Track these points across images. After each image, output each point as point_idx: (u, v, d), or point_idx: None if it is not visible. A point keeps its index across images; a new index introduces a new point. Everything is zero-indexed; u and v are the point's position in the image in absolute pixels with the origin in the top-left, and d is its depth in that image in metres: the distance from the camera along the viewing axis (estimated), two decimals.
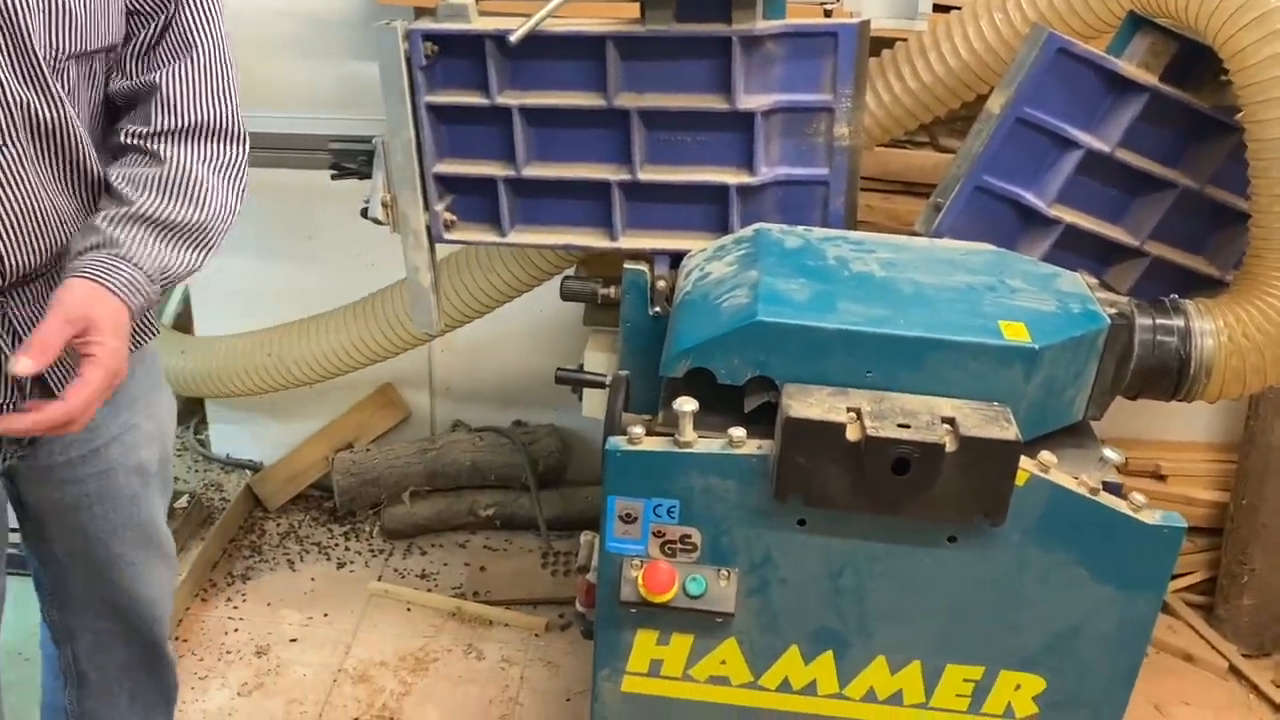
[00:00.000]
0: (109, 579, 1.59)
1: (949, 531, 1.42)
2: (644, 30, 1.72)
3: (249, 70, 1.65)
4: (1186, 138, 1.75)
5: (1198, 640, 2.60)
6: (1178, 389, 1.59)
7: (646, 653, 1.55)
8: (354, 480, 2.84)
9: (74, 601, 1.61)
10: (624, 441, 1.46)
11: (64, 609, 1.63)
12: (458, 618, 2.60)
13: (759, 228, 1.75)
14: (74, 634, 1.64)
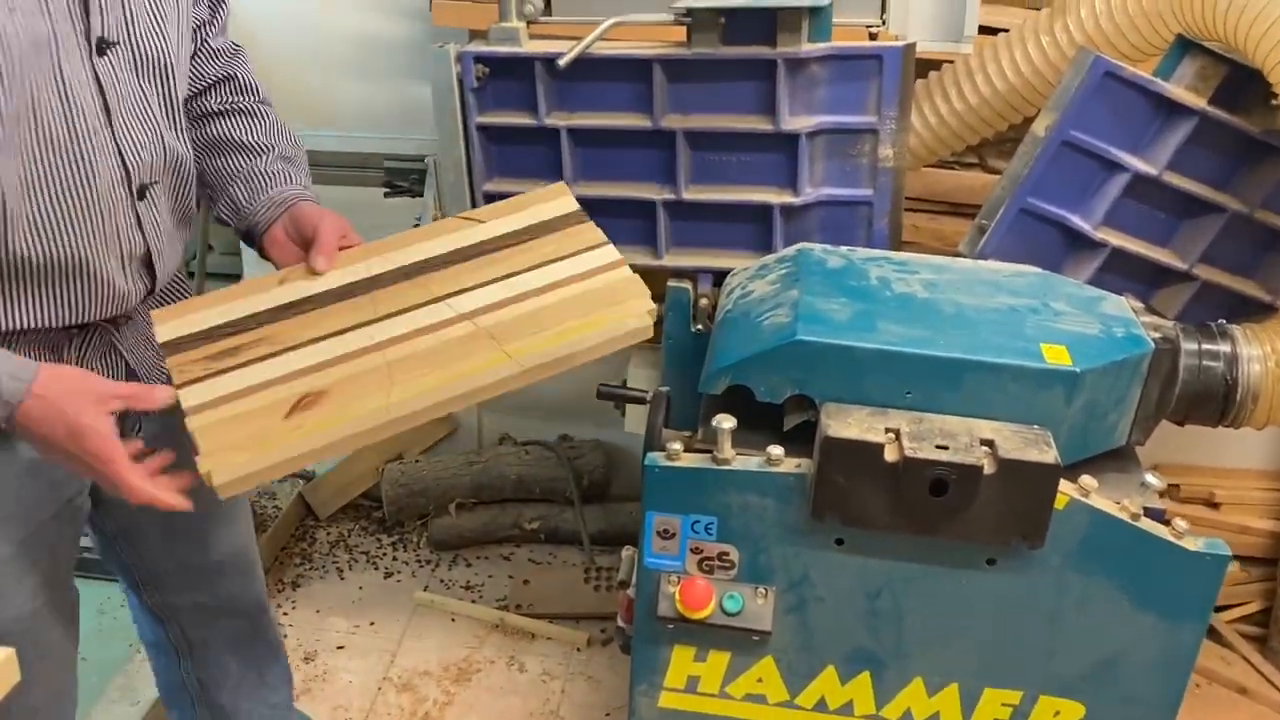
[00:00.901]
0: (194, 543, 1.60)
1: (987, 554, 1.42)
2: (690, 53, 1.75)
3: (310, 90, 1.70)
4: (1236, 161, 1.73)
5: (1252, 673, 2.54)
6: (1224, 414, 1.57)
7: (684, 669, 1.56)
8: (402, 491, 2.89)
9: (167, 579, 1.64)
10: (662, 458, 1.48)
11: (160, 590, 1.65)
12: (501, 630, 2.62)
13: (802, 247, 1.76)
14: (176, 610, 1.68)
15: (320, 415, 1.12)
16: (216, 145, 1.45)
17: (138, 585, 1.68)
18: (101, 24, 1.19)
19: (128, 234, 1.27)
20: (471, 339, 1.20)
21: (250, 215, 1.41)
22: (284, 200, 1.40)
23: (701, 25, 1.72)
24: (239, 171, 1.42)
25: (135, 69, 1.24)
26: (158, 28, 1.26)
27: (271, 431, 1.10)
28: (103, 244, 1.24)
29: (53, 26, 1.13)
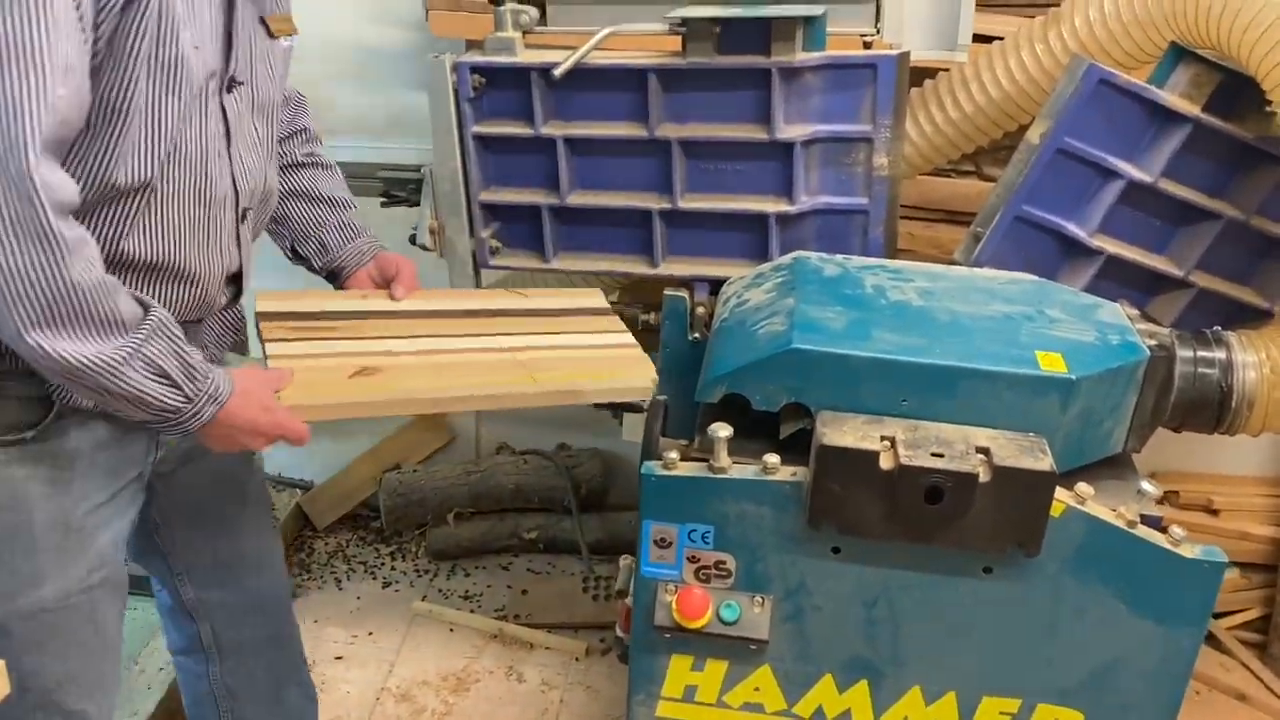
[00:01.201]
0: (225, 533, 1.69)
1: (984, 562, 1.41)
2: (685, 63, 1.75)
3: (307, 99, 1.73)
4: (1231, 168, 1.73)
5: (1251, 679, 2.54)
6: (1219, 421, 1.57)
7: (681, 678, 1.56)
8: (400, 501, 2.89)
9: (201, 572, 1.70)
10: (659, 466, 1.47)
11: (194, 582, 1.71)
12: (499, 639, 2.62)
13: (798, 256, 1.77)
14: (209, 608, 1.73)
15: (373, 382, 1.40)
16: (305, 195, 1.68)
17: (173, 579, 1.71)
18: (235, 65, 1.35)
19: (228, 251, 1.42)
20: (504, 362, 1.49)
21: (338, 260, 1.68)
22: (370, 250, 1.70)
23: (696, 35, 1.72)
24: (327, 222, 1.68)
25: (251, 107, 1.40)
26: (268, 72, 1.43)
27: (333, 384, 1.39)
28: (206, 257, 1.38)
29: (215, 64, 1.31)
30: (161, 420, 1.27)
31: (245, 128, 1.39)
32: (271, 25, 1.41)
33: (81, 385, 1.20)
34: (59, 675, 1.41)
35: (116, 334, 1.19)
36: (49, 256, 1.11)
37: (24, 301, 1.12)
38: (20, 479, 1.31)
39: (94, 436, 1.36)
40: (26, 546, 1.34)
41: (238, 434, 1.34)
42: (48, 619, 1.37)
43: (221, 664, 1.78)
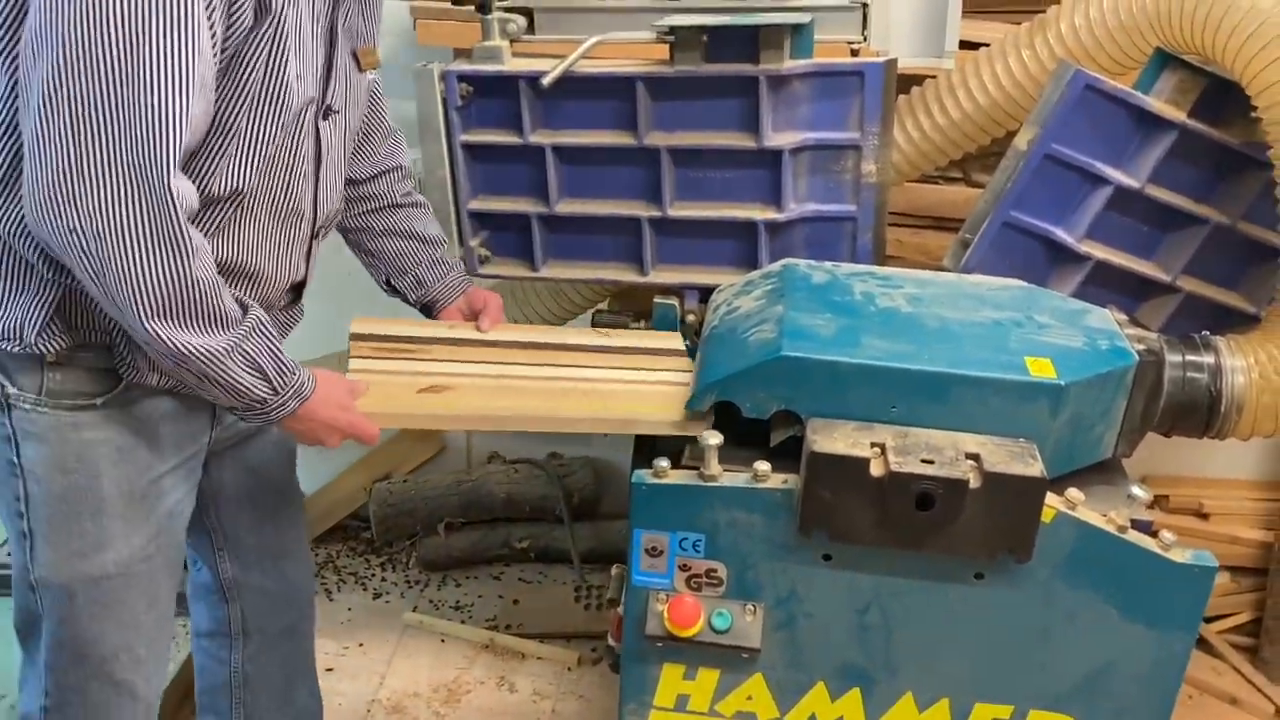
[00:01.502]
0: (270, 518, 1.76)
1: (975, 568, 1.41)
2: (673, 71, 1.75)
3: None
4: (1218, 173, 1.74)
5: (1243, 683, 2.54)
6: (1209, 426, 1.57)
7: (673, 687, 1.55)
8: (391, 511, 2.88)
9: (244, 551, 1.76)
10: (650, 475, 1.47)
11: (236, 561, 1.76)
12: (491, 650, 2.61)
13: (787, 263, 1.77)
14: (242, 591, 1.78)
15: (439, 398, 1.52)
16: (404, 234, 1.77)
17: (215, 555, 1.76)
18: (332, 95, 1.45)
19: (298, 262, 1.52)
20: (567, 390, 1.58)
21: (431, 293, 1.78)
22: (460, 284, 1.80)
23: (684, 43, 1.72)
24: (423, 259, 1.77)
25: (342, 134, 1.50)
26: (356, 104, 1.52)
27: (402, 396, 1.52)
28: (277, 265, 1.48)
29: (314, 93, 1.40)
30: (249, 409, 1.38)
31: (333, 153, 1.48)
32: (361, 58, 1.51)
33: (185, 370, 1.31)
34: (116, 644, 1.48)
35: (222, 329, 1.30)
36: (176, 257, 1.22)
37: (151, 294, 1.22)
38: (90, 441, 1.39)
39: (159, 408, 1.44)
40: (95, 509, 1.41)
41: (316, 428, 1.45)
42: (109, 585, 1.44)
43: (244, 650, 1.83)
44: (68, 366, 1.37)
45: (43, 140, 1.15)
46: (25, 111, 1.17)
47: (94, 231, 1.17)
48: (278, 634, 1.84)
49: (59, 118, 1.14)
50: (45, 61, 1.13)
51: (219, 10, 1.20)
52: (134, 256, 1.19)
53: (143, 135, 1.16)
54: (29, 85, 1.16)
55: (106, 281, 1.20)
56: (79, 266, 1.21)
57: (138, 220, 1.18)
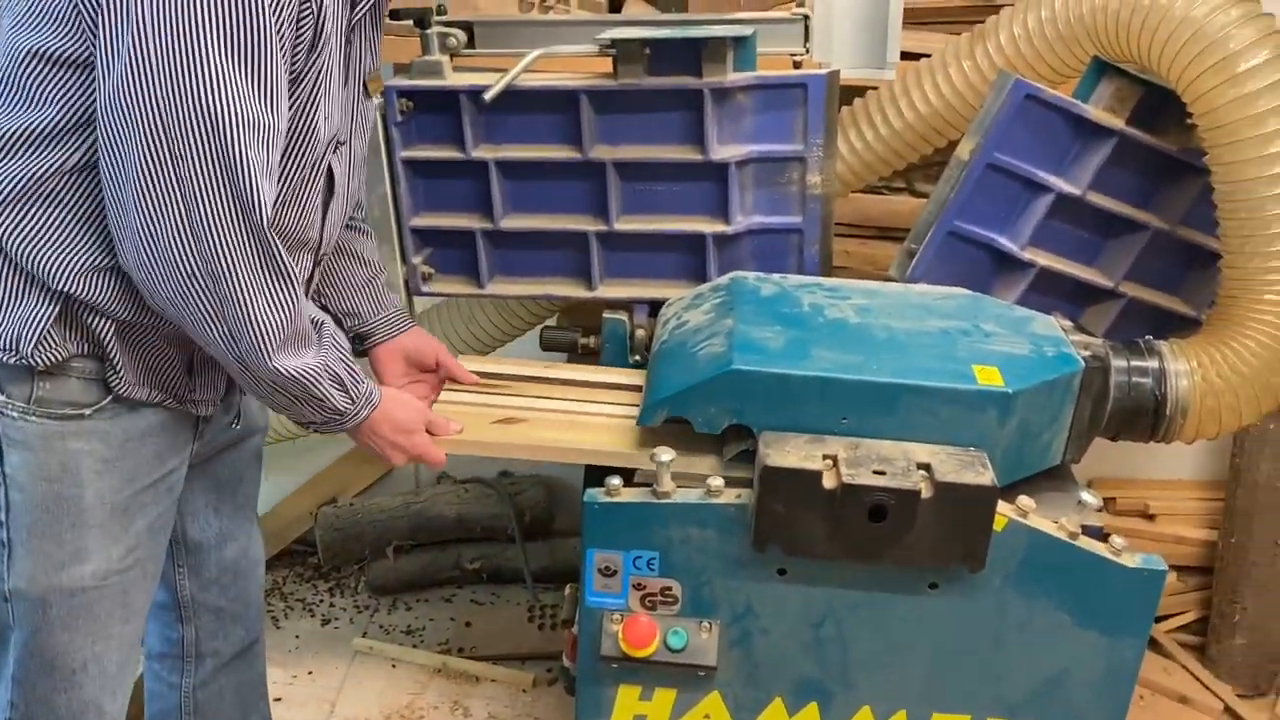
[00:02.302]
0: (234, 537, 1.74)
1: (929, 578, 1.41)
2: (616, 84, 1.74)
3: None
4: (1156, 180, 1.77)
5: (1192, 682, 2.57)
6: (1155, 430, 1.59)
7: (629, 708, 1.53)
8: (338, 535, 2.82)
9: (203, 565, 1.73)
10: (602, 493, 1.45)
11: (194, 577, 1.73)
12: (444, 674, 2.56)
13: (735, 276, 1.76)
14: (199, 611, 1.76)
15: (514, 430, 1.59)
16: (340, 252, 1.67)
17: (175, 573, 1.73)
18: (347, 128, 1.45)
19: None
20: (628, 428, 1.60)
21: (367, 325, 1.71)
22: (400, 324, 1.73)
23: (627, 56, 1.71)
24: (358, 282, 1.70)
25: (348, 164, 1.49)
26: (362, 132, 1.52)
27: (477, 426, 1.59)
28: None
29: (335, 132, 1.41)
30: (328, 422, 1.42)
31: (345, 185, 1.48)
32: (370, 86, 1.50)
33: (284, 393, 1.36)
34: (86, 657, 1.46)
35: (313, 346, 1.37)
36: (287, 288, 1.29)
37: (276, 331, 1.29)
38: (76, 452, 1.38)
39: (146, 421, 1.43)
40: (75, 520, 1.40)
41: (383, 442, 1.49)
42: (84, 598, 1.43)
43: (196, 674, 1.79)
44: (58, 376, 1.36)
45: (148, 200, 1.21)
46: (119, 173, 1.21)
47: (210, 272, 1.23)
48: (231, 658, 1.81)
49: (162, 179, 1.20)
50: (137, 127, 1.18)
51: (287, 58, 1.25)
52: (251, 289, 1.26)
53: (238, 181, 1.21)
54: (120, 148, 1.20)
55: (228, 318, 1.26)
56: (197, 309, 1.26)
57: (248, 256, 1.25)
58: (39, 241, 1.29)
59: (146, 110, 1.17)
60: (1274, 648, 2.54)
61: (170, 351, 1.42)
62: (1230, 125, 1.51)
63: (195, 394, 1.47)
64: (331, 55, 1.33)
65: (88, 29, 1.21)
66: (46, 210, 1.29)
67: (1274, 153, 1.49)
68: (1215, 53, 1.50)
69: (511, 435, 1.58)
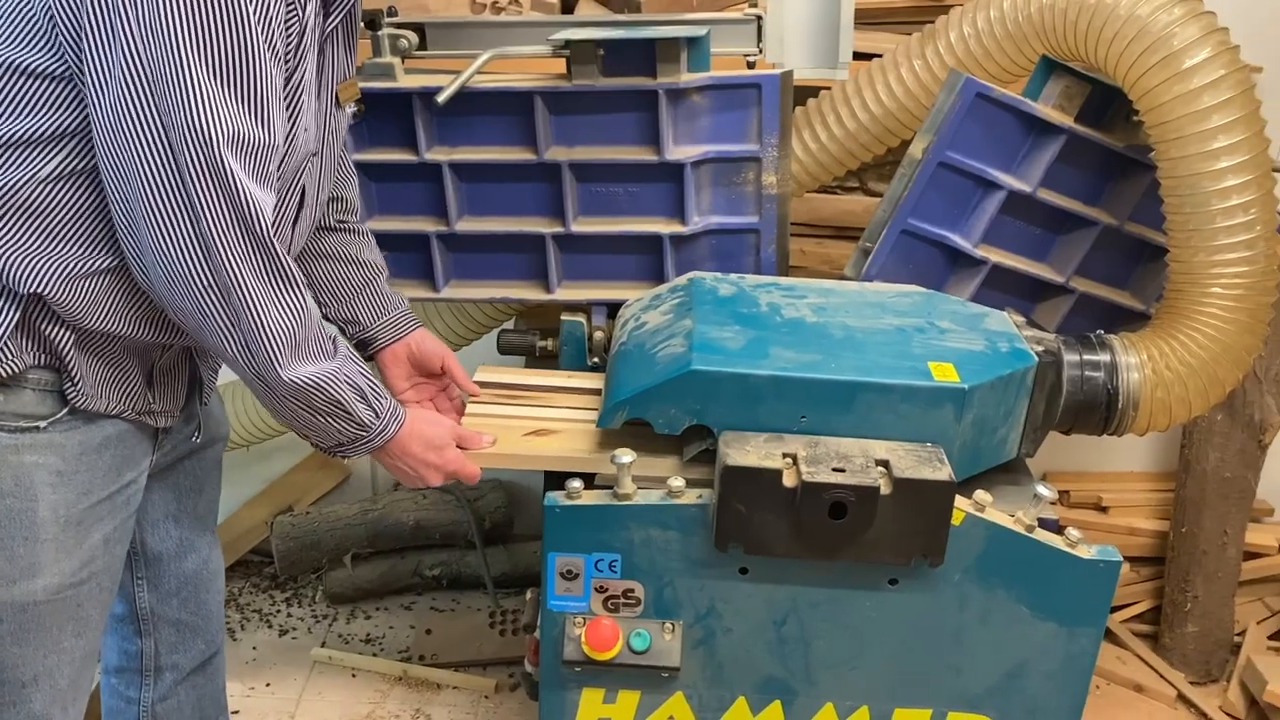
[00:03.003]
0: (194, 548, 1.72)
1: (889, 574, 1.42)
2: (571, 85, 1.73)
3: None
4: (1105, 176, 1.79)
5: (1146, 670, 2.61)
6: (1107, 423, 1.62)
7: (593, 711, 1.53)
8: (294, 545, 2.78)
9: (164, 582, 1.70)
10: (562, 497, 1.44)
11: (154, 590, 1.71)
12: (405, 682, 2.54)
13: (693, 276, 1.76)
14: (158, 624, 1.73)
15: (545, 441, 1.58)
16: (336, 258, 1.67)
17: (134, 585, 1.70)
18: (319, 139, 1.43)
19: None
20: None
21: (369, 330, 1.69)
22: (404, 326, 1.70)
23: (580, 57, 1.71)
24: (357, 287, 1.68)
25: (318, 174, 1.47)
26: (334, 138, 1.49)
27: (510, 439, 1.58)
28: None
29: (314, 146, 1.40)
30: (355, 439, 1.40)
31: (314, 195, 1.47)
32: (341, 95, 1.47)
33: (305, 407, 1.34)
34: (37, 671, 1.43)
35: (329, 353, 1.35)
36: (296, 296, 1.29)
37: (287, 337, 1.29)
38: (29, 465, 1.35)
39: (103, 433, 1.41)
40: (28, 534, 1.37)
41: (415, 461, 1.47)
42: (36, 612, 1.40)
43: (155, 688, 1.77)
44: (13, 388, 1.33)
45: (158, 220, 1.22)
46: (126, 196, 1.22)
47: (222, 284, 1.24)
48: (191, 671, 1.79)
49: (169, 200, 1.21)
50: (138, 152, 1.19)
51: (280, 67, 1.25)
52: (261, 299, 1.26)
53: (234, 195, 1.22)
54: (124, 170, 1.21)
55: (242, 329, 1.27)
56: (215, 323, 1.26)
57: (255, 266, 1.25)
58: (8, 248, 1.27)
59: (144, 134, 1.19)
60: (1224, 635, 2.60)
61: (130, 363, 1.40)
62: (1174, 121, 1.54)
63: (154, 405, 1.45)
64: (310, 66, 1.32)
65: (67, 47, 1.20)
66: (19, 219, 1.27)
67: (1217, 148, 1.52)
68: (1159, 50, 1.52)
69: (540, 447, 1.57)
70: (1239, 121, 1.52)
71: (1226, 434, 2.48)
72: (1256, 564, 2.67)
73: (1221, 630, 2.59)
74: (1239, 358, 1.63)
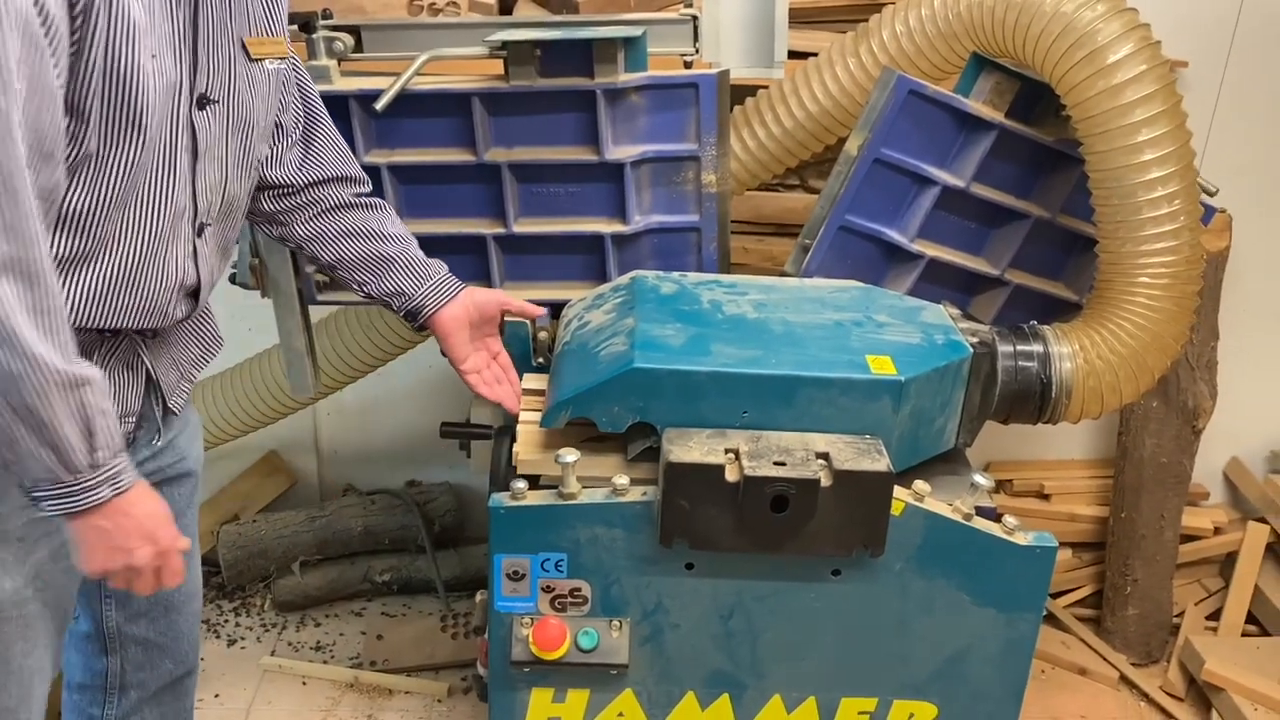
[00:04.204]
0: None
1: (832, 565, 1.44)
2: (509, 86, 1.73)
3: None
4: (1036, 170, 1.83)
5: (1089, 653, 2.67)
6: (1042, 411, 1.65)
7: (543, 711, 1.53)
8: (241, 553, 2.75)
9: (137, 602, 1.65)
10: (507, 498, 1.44)
11: (122, 610, 1.66)
12: (356, 689, 2.52)
13: (636, 275, 1.77)
14: (125, 643, 1.68)
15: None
16: (362, 234, 1.63)
17: (103, 602, 1.65)
18: (206, 83, 1.34)
19: (182, 264, 1.41)
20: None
21: (415, 297, 1.64)
22: (450, 289, 1.66)
23: (518, 58, 1.71)
24: (392, 259, 1.64)
25: (226, 124, 1.39)
26: (250, 93, 1.42)
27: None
28: (157, 268, 1.37)
29: (179, 77, 1.30)
30: (51, 480, 1.20)
31: (215, 144, 1.38)
32: (251, 49, 1.40)
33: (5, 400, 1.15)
34: None
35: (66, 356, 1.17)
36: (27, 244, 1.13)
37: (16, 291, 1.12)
38: None
39: None
40: None
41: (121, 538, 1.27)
42: None
43: (118, 706, 1.72)
44: None
45: None
46: None
47: None
48: (158, 690, 1.74)
49: None
50: None
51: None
52: None
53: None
54: None
55: None
56: None
57: None
58: None
59: None
60: (1164, 616, 2.66)
61: None
62: (1100, 116, 1.57)
63: None
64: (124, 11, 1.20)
65: None
66: None
67: (1140, 141, 1.56)
68: (1084, 46, 1.56)
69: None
70: (1162, 115, 1.56)
71: (1162, 420, 2.54)
72: (1193, 546, 2.74)
73: (1161, 612, 2.65)
74: (1167, 345, 1.67)
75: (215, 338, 1.61)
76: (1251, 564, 2.71)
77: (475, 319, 1.67)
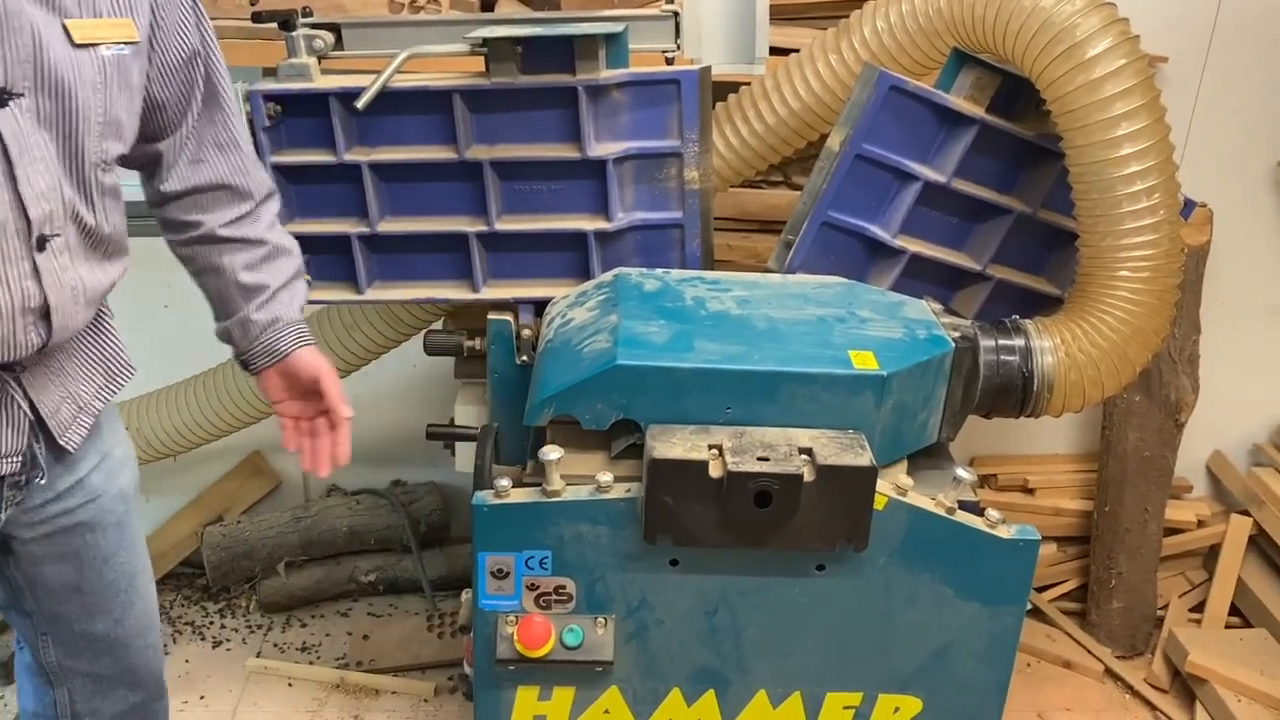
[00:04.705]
0: (105, 610, 1.57)
1: (816, 560, 1.44)
2: (490, 83, 1.73)
3: None
4: (1017, 165, 1.83)
5: (1074, 646, 2.68)
6: (1024, 405, 1.65)
7: (529, 709, 1.53)
8: (226, 554, 2.73)
9: (71, 640, 1.58)
10: (491, 496, 1.44)
11: (61, 647, 1.59)
12: (342, 689, 2.51)
13: (619, 272, 1.77)
14: (71, 675, 1.61)
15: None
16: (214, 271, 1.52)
17: (39, 639, 1.58)
18: (5, 76, 1.18)
19: (19, 284, 1.25)
20: None
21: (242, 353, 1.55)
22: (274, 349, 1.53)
23: (499, 55, 1.70)
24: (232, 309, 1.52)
25: (39, 120, 1.23)
26: (74, 83, 1.24)
27: None
28: None
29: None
30: None
31: (34, 145, 1.23)
32: (74, 32, 1.24)
33: None
34: None
35: None
36: None
37: None
38: None
39: None
40: None
41: None
42: None
43: None
44: None
45: None
46: None
47: None
48: (115, 716, 1.66)
49: None
50: None
51: None
52: None
53: None
54: None
55: None
56: None
57: None
58: None
59: None
60: (1148, 609, 2.67)
61: None
62: (1079, 110, 1.58)
63: None
64: None
65: None
66: None
67: (1119, 135, 1.57)
68: (1063, 41, 1.56)
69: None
70: (1141, 109, 1.57)
71: (1145, 414, 2.55)
72: (1176, 539, 2.76)
73: (1145, 605, 2.67)
74: (1148, 339, 1.68)
75: (123, 365, 1.49)
76: (1234, 556, 2.73)
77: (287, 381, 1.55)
